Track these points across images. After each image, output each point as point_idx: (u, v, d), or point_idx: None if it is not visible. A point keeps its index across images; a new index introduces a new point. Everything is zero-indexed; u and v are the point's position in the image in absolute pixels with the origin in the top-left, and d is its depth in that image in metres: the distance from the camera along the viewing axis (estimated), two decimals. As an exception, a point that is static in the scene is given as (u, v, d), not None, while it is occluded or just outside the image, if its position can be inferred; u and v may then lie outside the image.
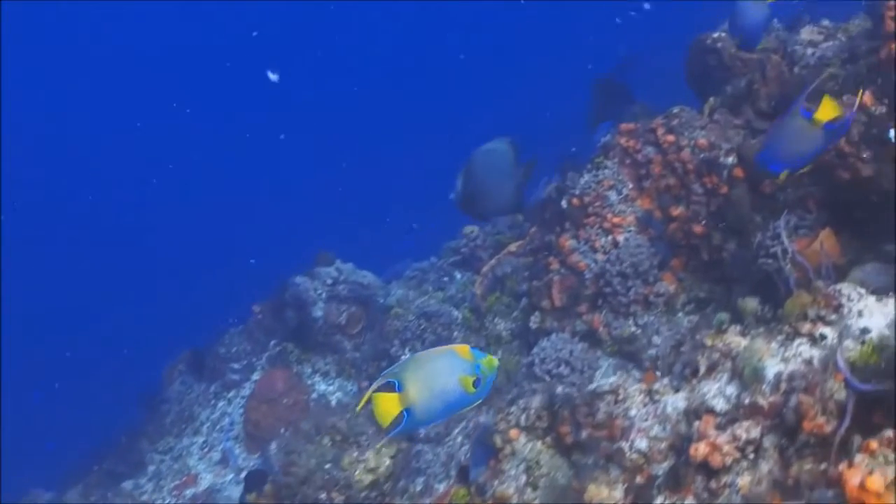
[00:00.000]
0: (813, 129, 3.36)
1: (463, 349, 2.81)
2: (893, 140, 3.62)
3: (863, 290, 3.06)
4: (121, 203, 20.21)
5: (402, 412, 2.68)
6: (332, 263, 6.47)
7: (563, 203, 4.94)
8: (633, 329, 4.52)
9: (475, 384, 2.74)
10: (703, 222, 4.46)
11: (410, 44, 21.79)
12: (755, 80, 4.73)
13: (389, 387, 2.71)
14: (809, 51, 4.96)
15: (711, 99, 5.09)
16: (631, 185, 4.84)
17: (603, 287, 4.60)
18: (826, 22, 5.18)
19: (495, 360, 2.81)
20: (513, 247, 5.90)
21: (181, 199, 20.24)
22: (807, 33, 5.12)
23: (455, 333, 5.66)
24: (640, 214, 4.75)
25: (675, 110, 4.85)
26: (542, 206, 5.63)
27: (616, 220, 4.72)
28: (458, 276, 6.87)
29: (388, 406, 2.67)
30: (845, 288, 3.06)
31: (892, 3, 3.97)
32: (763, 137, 4.31)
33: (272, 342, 6.68)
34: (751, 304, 3.23)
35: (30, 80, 19.62)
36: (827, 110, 3.35)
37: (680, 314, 4.52)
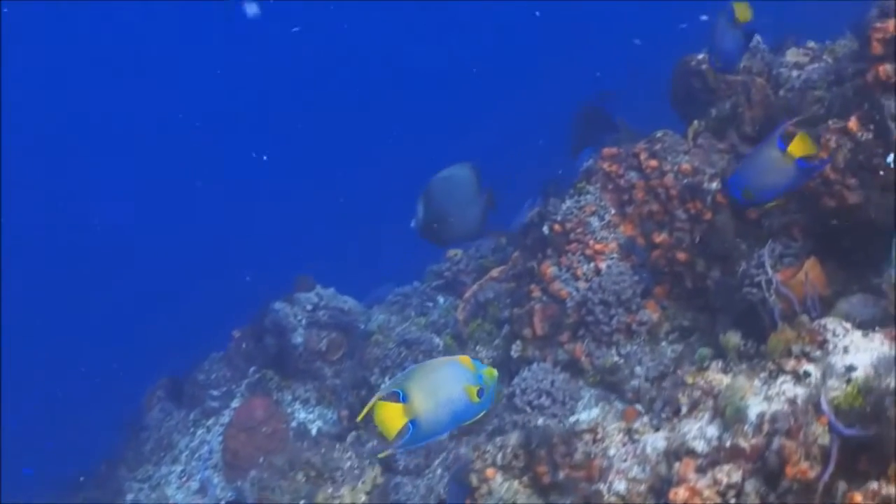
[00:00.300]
0: (785, 163, 3.36)
1: (464, 359, 2.76)
2: (893, 166, 3.52)
3: (848, 325, 2.96)
4: (104, 217, 19.90)
5: (407, 423, 2.63)
6: (312, 288, 6.35)
7: (545, 229, 4.83)
8: (615, 359, 4.40)
9: (479, 394, 2.69)
10: (686, 248, 4.36)
11: (406, 57, 21.58)
12: (739, 104, 4.65)
13: (393, 397, 2.66)
14: (795, 73, 4.88)
15: (696, 122, 5.00)
16: (613, 211, 4.74)
17: (585, 315, 4.49)
18: (811, 43, 5.10)
19: (495, 371, 2.77)
20: (495, 272, 5.79)
21: (163, 215, 19.94)
22: (792, 55, 5.04)
23: (437, 361, 5.53)
24: (622, 241, 4.64)
25: (659, 134, 4.75)
26: (524, 230, 5.52)
27: (598, 246, 4.61)
28: (441, 300, 6.76)
29: (392, 416, 2.61)
30: (830, 323, 2.96)
31: (877, 24, 3.90)
32: (737, 163, 4.25)
33: (252, 369, 6.55)
34: (733, 339, 3.13)
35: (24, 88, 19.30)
36: (800, 146, 3.36)
37: (663, 343, 4.41)
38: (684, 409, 2.95)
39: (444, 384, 2.67)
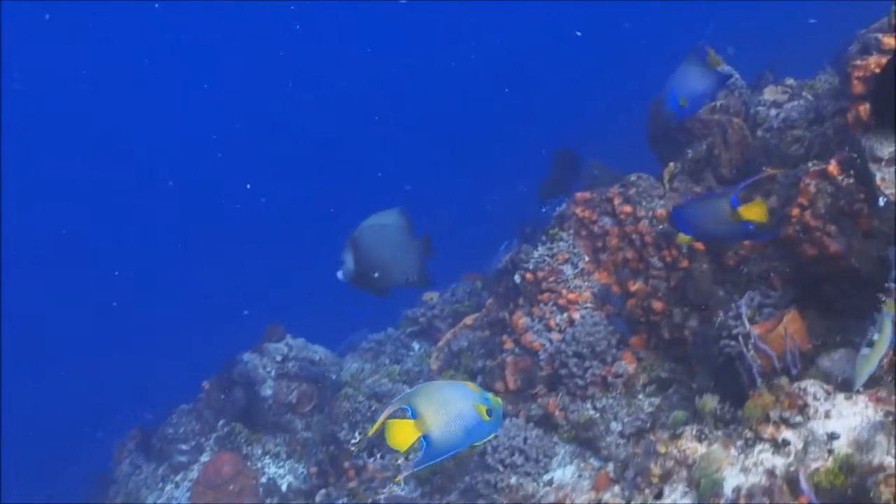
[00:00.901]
0: (731, 219, 3.38)
1: (468, 383, 2.81)
2: (883, 209, 3.34)
3: (830, 387, 2.78)
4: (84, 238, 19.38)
5: (419, 438, 2.62)
6: (282, 338, 6.13)
7: (517, 278, 4.64)
8: (590, 413, 4.20)
9: (488, 413, 2.71)
10: (662, 296, 4.17)
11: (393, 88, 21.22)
12: (716, 145, 4.48)
13: (402, 413, 2.65)
14: (773, 112, 4.73)
15: (671, 164, 4.83)
16: (587, 258, 4.55)
17: (559, 368, 4.29)
18: (790, 80, 4.94)
19: (499, 399, 2.79)
20: (469, 319, 5.59)
21: (145, 248, 19.35)
22: (770, 93, 4.89)
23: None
24: (597, 289, 4.46)
25: (633, 178, 4.58)
26: (498, 275, 5.33)
27: (571, 296, 4.42)
28: (417, 346, 6.55)
29: (403, 432, 2.60)
30: (811, 385, 2.77)
31: (858, 62, 3.74)
32: (692, 197, 4.27)
33: (221, 422, 6.31)
34: (709, 403, 2.93)
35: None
36: (752, 211, 3.39)
37: (640, 396, 4.21)
38: (656, 480, 2.75)
39: (453, 400, 2.68)
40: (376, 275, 3.68)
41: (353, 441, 4.43)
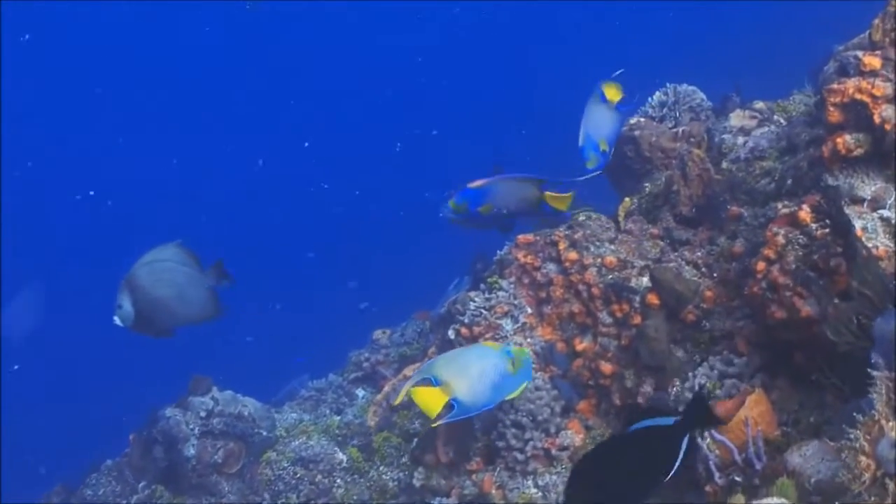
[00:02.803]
0: (534, 199, 4.15)
1: (488, 343, 3.11)
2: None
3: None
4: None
5: (448, 401, 2.83)
6: (208, 391, 5.53)
7: (451, 333, 4.07)
8: (532, 491, 3.64)
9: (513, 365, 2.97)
10: (612, 357, 3.61)
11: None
12: (674, 180, 3.92)
13: (425, 383, 2.86)
14: (740, 140, 4.22)
15: (627, 199, 4.29)
16: (530, 311, 3.99)
17: (495, 440, 3.71)
18: (760, 103, 4.40)
19: (526, 349, 3.10)
20: (409, 370, 5.01)
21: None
22: (737, 118, 4.37)
23: (338, 482, 4.73)
24: (539, 347, 3.89)
25: (581, 218, 4.03)
26: (440, 321, 4.77)
27: (510, 356, 3.84)
28: (361, 393, 5.99)
29: (431, 398, 2.83)
30: (774, 500, 2.20)
31: (835, 86, 3.18)
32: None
33: (142, 484, 5.70)
34: None
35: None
36: (557, 200, 4.19)
37: (590, 472, 3.62)
38: None
39: (473, 362, 2.92)
40: (159, 315, 3.54)
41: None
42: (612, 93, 4.21)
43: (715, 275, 3.65)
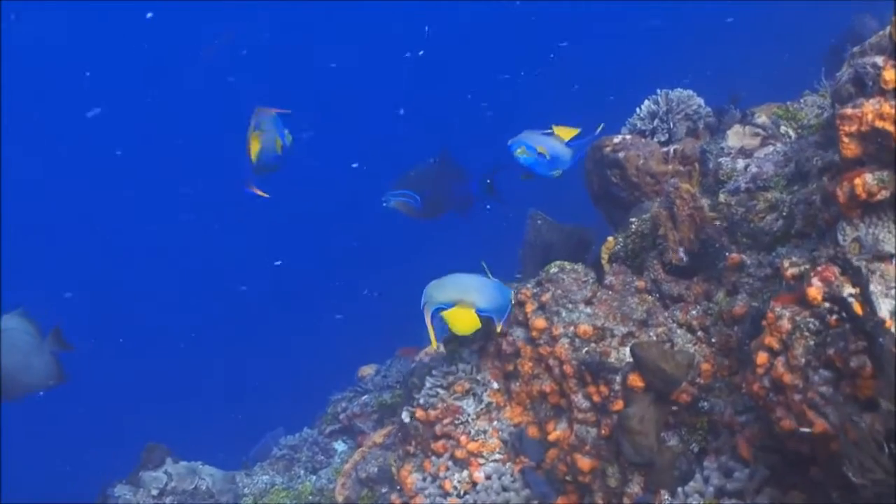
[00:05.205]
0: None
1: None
2: None
3: None
4: None
5: (476, 312, 2.98)
6: (161, 463, 4.94)
7: (405, 416, 3.42)
8: None
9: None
10: (591, 450, 2.95)
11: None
12: (660, 222, 3.23)
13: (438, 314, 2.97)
14: (740, 163, 3.52)
15: (610, 239, 3.60)
16: (496, 386, 3.33)
17: (460, 555, 3.07)
18: (762, 118, 3.68)
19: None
20: (379, 435, 4.41)
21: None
22: (736, 136, 3.66)
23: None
24: (507, 434, 3.24)
25: (554, 270, 3.35)
26: (411, 372, 4.13)
27: (473, 445, 3.20)
28: (340, 447, 5.40)
29: (463, 317, 2.96)
30: None
31: (848, 110, 2.49)
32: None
33: (94, 571, 5.14)
34: None
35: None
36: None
37: (572, 589, 2.99)
38: None
39: (465, 280, 3.05)
40: (5, 384, 3.44)
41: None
42: (564, 133, 3.60)
43: (713, 340, 2.98)
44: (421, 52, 15.60)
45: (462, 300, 2.99)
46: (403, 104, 15.27)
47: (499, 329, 3.16)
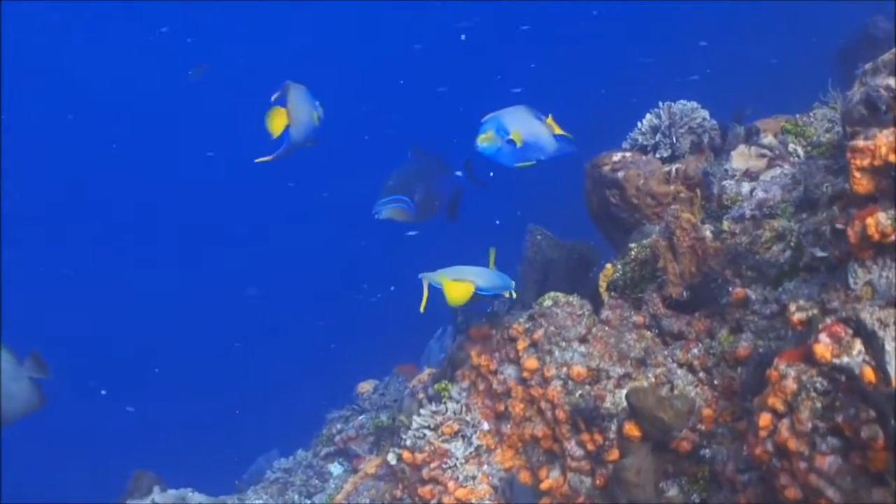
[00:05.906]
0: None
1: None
2: None
3: None
4: None
5: (474, 292, 3.04)
6: (148, 492, 4.77)
7: (391, 458, 3.25)
8: None
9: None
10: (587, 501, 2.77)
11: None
12: (659, 253, 3.04)
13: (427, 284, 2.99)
14: (745, 187, 3.32)
15: (608, 266, 3.42)
16: (487, 427, 3.15)
17: None
18: (769, 137, 3.47)
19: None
20: (371, 466, 4.22)
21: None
22: (741, 157, 3.46)
23: None
24: (498, 479, 3.06)
25: (548, 303, 3.16)
26: (399, 407, 3.98)
27: (461, 492, 3.02)
28: (336, 470, 5.22)
29: (458, 290, 3.01)
30: None
31: (860, 143, 2.29)
32: None
33: None
34: None
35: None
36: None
37: None
38: None
39: (468, 267, 3.12)
40: None
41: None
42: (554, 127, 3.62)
43: (716, 382, 2.79)
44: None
45: (461, 279, 3.04)
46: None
47: (509, 294, 3.26)
